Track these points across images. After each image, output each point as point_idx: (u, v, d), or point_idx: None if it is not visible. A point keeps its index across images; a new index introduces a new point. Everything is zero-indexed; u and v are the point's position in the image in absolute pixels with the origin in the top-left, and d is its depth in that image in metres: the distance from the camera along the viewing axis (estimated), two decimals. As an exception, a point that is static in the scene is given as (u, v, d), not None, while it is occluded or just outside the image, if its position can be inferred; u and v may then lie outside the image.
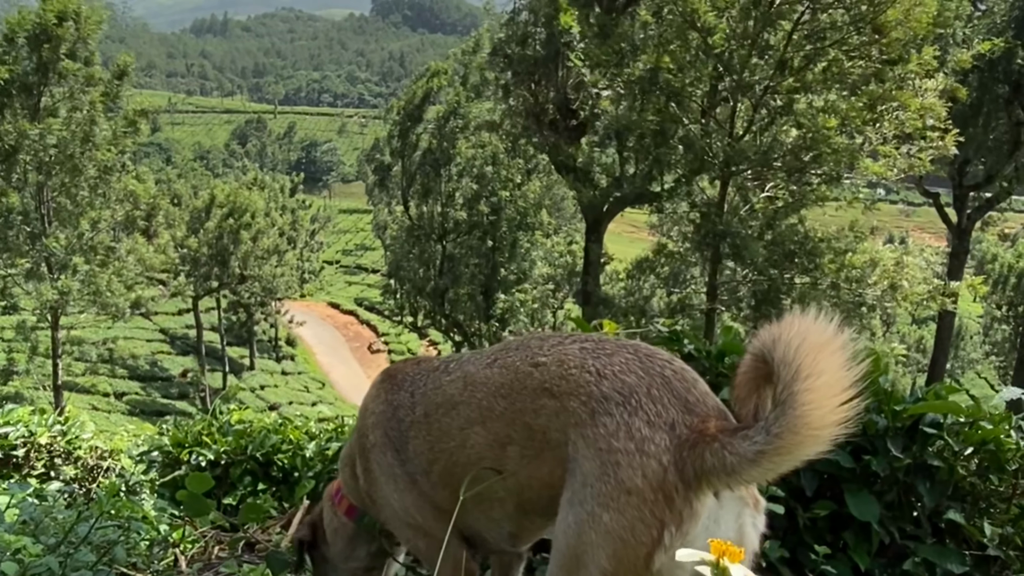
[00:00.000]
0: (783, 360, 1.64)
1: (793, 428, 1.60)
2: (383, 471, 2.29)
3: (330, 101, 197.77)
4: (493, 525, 2.17)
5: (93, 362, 36.00)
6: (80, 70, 26.63)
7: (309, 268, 55.35)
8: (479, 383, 2.07)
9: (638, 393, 1.80)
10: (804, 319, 1.68)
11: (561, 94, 27.08)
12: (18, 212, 27.23)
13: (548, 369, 1.93)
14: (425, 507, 2.23)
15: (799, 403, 1.60)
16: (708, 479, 1.71)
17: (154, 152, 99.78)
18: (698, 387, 1.87)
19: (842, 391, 1.60)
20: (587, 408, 1.82)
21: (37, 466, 5.78)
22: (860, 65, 20.10)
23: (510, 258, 36.19)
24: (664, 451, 1.73)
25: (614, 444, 1.76)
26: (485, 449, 2.03)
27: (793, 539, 3.04)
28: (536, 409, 1.93)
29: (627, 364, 1.86)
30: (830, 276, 21.54)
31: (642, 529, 1.71)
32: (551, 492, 1.92)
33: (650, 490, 1.71)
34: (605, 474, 1.75)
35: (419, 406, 2.22)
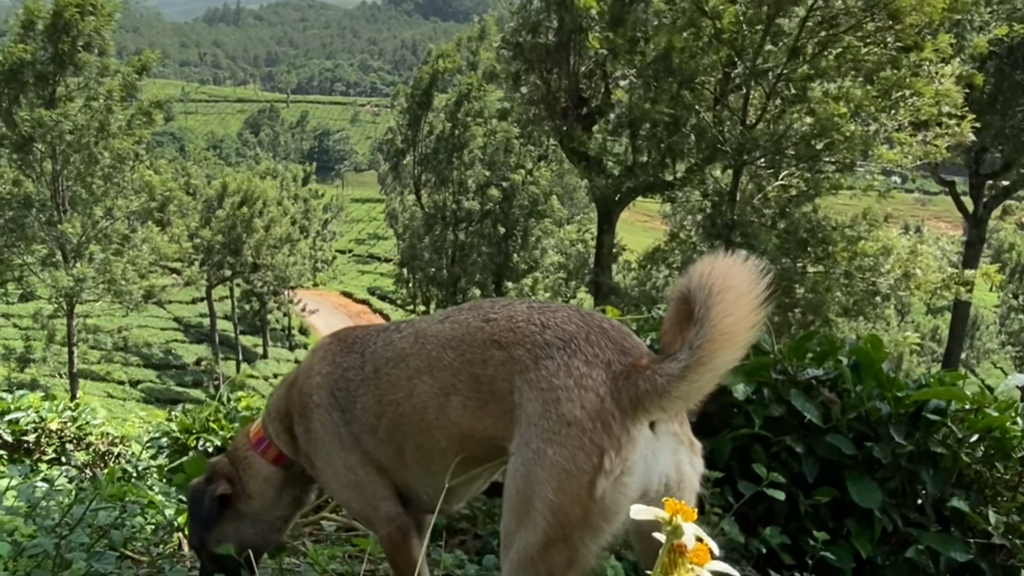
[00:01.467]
0: (698, 285, 1.78)
1: (711, 337, 1.72)
2: (327, 431, 2.31)
3: (343, 90, 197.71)
4: (432, 480, 2.21)
5: (108, 350, 36.28)
6: (95, 60, 26.78)
7: (322, 257, 55.49)
8: (430, 336, 2.15)
9: (577, 339, 1.91)
10: (714, 258, 1.82)
11: (573, 82, 26.95)
12: (34, 200, 27.43)
13: (498, 323, 2.03)
14: (367, 465, 2.27)
15: (714, 315, 1.72)
16: (643, 404, 1.80)
17: (167, 141, 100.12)
18: (632, 338, 1.98)
19: (751, 300, 1.73)
20: (531, 355, 1.93)
21: (48, 451, 5.83)
22: (875, 52, 19.89)
23: (522, 246, 36.17)
24: (601, 384, 1.83)
25: (555, 382, 1.86)
26: (429, 399, 2.09)
27: (794, 525, 3.03)
28: (484, 360, 2.01)
29: (568, 316, 1.99)
30: (843, 264, 21.38)
31: (583, 457, 1.78)
32: (494, 443, 2.02)
33: (588, 419, 1.80)
34: (547, 411, 1.84)
35: (368, 364, 2.26)
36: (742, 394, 2.94)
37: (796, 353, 3.13)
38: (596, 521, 1.82)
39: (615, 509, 1.82)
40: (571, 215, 44.90)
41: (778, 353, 3.13)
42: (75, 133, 26.31)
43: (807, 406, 2.93)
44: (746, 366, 3.05)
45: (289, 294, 48.86)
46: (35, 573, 1.87)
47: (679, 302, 1.90)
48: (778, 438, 3.02)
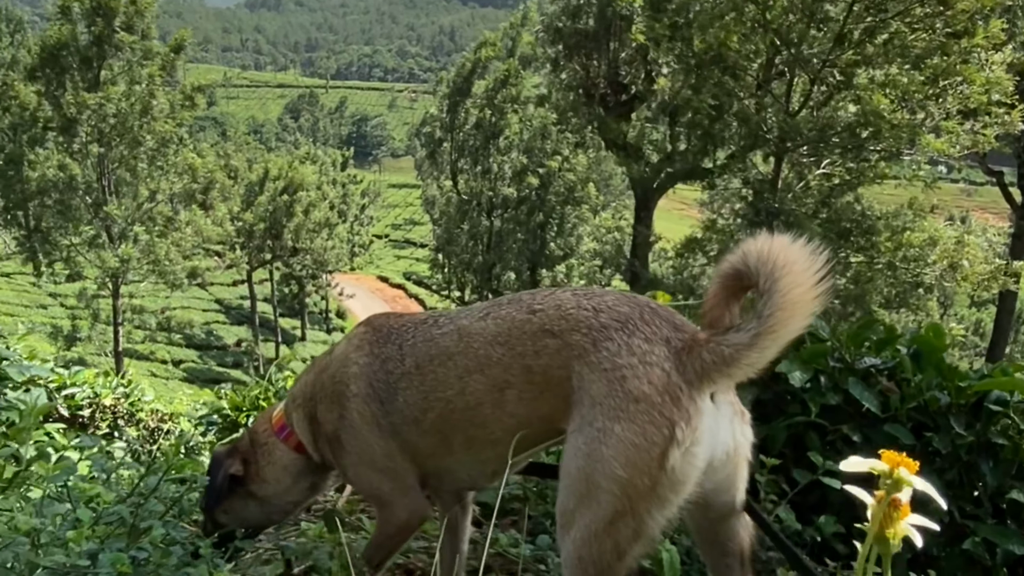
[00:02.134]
0: (761, 260, 1.85)
1: (781, 306, 1.79)
2: (365, 420, 2.33)
3: (381, 76, 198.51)
4: (478, 465, 2.28)
5: (152, 330, 36.99)
6: (136, 43, 27.16)
7: (359, 241, 55.90)
8: (475, 334, 2.17)
9: (632, 319, 1.96)
10: (765, 237, 1.89)
11: (612, 68, 26.76)
12: (80, 182, 27.99)
13: (546, 313, 2.06)
14: (404, 454, 2.32)
15: (783, 285, 1.80)
16: (709, 375, 1.86)
17: (209, 126, 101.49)
18: (680, 316, 2.04)
19: (814, 272, 1.81)
20: (589, 338, 1.97)
21: (102, 426, 5.96)
22: (923, 38, 19.42)
23: (557, 233, 36.10)
24: (664, 359, 1.89)
25: (618, 362, 1.90)
26: (484, 395, 2.13)
27: (848, 515, 3.00)
28: (537, 351, 2.04)
29: (618, 300, 2.04)
30: (887, 255, 21.02)
31: (653, 431, 1.83)
32: (548, 425, 2.07)
33: (656, 394, 1.85)
34: (612, 390, 1.89)
35: (408, 358, 2.28)
36: (799, 381, 2.92)
37: (854, 341, 3.10)
38: (664, 492, 1.86)
39: (683, 480, 1.87)
40: (607, 202, 44.65)
41: (835, 341, 3.11)
42: (119, 116, 26.76)
43: (865, 395, 2.90)
44: (803, 353, 3.03)
45: (327, 278, 49.33)
46: (113, 539, 1.93)
47: (729, 278, 1.97)
48: (834, 427, 3.00)
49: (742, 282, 1.93)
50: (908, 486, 1.10)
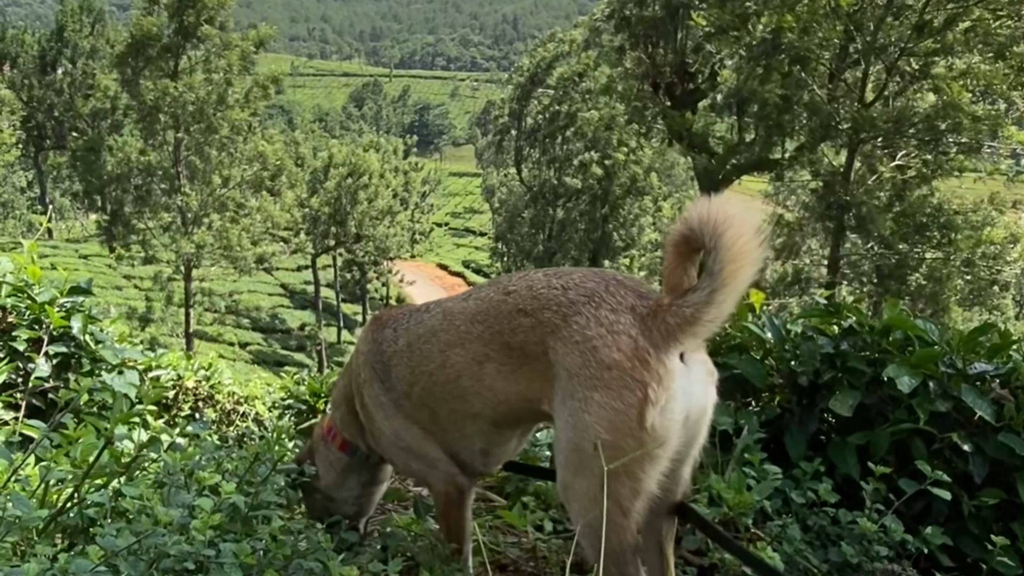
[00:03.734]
0: (702, 220, 1.92)
1: (728, 259, 1.88)
2: (373, 402, 2.51)
3: (443, 64, 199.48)
4: (466, 442, 2.40)
5: (221, 313, 37.97)
6: (217, 35, 27.81)
7: (420, 229, 56.32)
8: (457, 313, 2.33)
9: (599, 292, 2.05)
10: (703, 200, 1.96)
11: (679, 57, 26.35)
12: (156, 168, 28.81)
13: (519, 294, 2.18)
14: (412, 428, 2.45)
15: (727, 239, 1.87)
16: (674, 335, 1.95)
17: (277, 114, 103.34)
18: (646, 286, 2.12)
19: (754, 223, 1.89)
20: (559, 315, 2.06)
21: (184, 408, 6.11)
22: (1008, 25, 18.66)
23: (620, 224, 35.82)
24: (630, 326, 1.97)
25: (588, 333, 2.00)
26: (463, 368, 2.26)
27: (954, 526, 2.89)
28: (513, 328, 2.15)
29: (584, 276, 2.13)
30: (965, 252, 20.30)
31: (628, 394, 1.92)
32: (528, 405, 2.18)
33: (626, 359, 1.94)
34: (586, 360, 1.98)
35: (401, 338, 2.46)
36: (907, 387, 2.81)
37: (967, 346, 2.98)
38: (652, 449, 1.95)
39: (666, 435, 1.95)
40: (668, 192, 44.10)
41: (946, 345, 2.99)
42: (196, 104, 27.45)
43: (978, 402, 2.78)
44: (911, 358, 2.92)
45: (388, 265, 49.86)
46: (228, 527, 1.96)
47: (679, 244, 2.03)
48: (943, 435, 2.88)
49: (691, 245, 2.00)
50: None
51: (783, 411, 3.26)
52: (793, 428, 3.18)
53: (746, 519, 2.76)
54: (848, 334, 3.09)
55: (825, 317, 3.17)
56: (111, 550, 1.64)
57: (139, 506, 1.85)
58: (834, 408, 2.98)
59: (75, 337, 3.85)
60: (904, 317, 3.02)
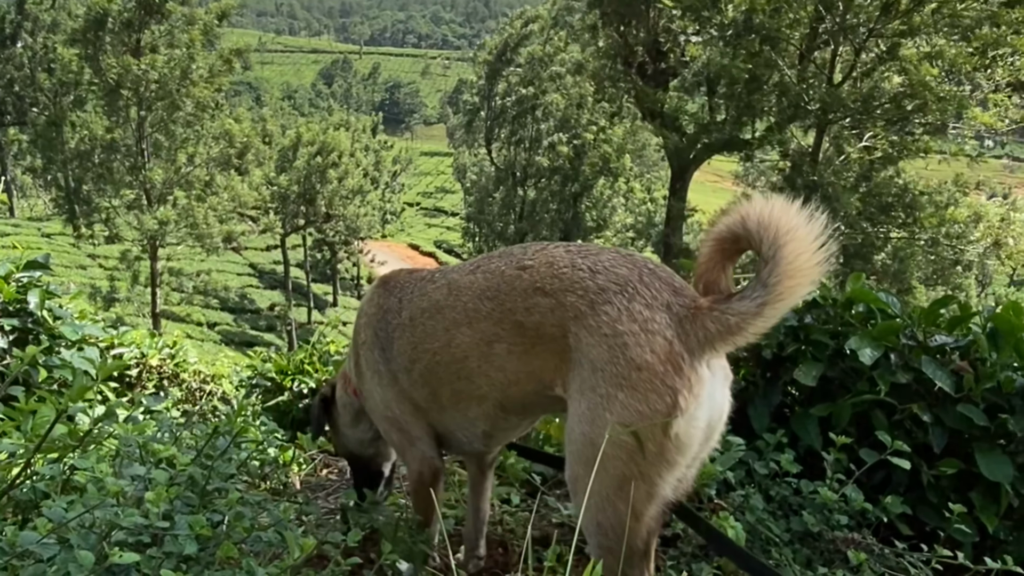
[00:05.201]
0: (762, 225, 1.81)
1: (788, 274, 1.78)
2: (369, 366, 2.47)
3: (414, 42, 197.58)
4: (468, 424, 2.31)
5: (188, 292, 37.52)
6: (179, 10, 27.25)
7: (390, 209, 55.93)
8: (463, 287, 2.19)
9: (632, 282, 1.93)
10: (763, 201, 1.85)
11: (651, 36, 26.28)
12: (120, 145, 28.23)
13: (537, 271, 2.04)
14: (404, 403, 2.39)
15: (788, 252, 1.78)
16: (712, 343, 1.85)
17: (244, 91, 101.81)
18: (678, 278, 2.00)
19: (816, 239, 1.79)
20: (586, 300, 1.94)
21: (148, 386, 6.03)
22: (974, 7, 18.83)
23: (592, 204, 35.85)
24: (666, 327, 1.86)
25: (619, 328, 1.87)
26: (471, 348, 2.15)
27: (914, 496, 2.94)
28: (528, 308, 2.02)
29: (614, 259, 2.00)
30: (929, 231, 20.61)
31: (656, 399, 1.83)
32: (538, 387, 2.08)
33: (659, 363, 1.83)
34: (614, 356, 1.87)
35: (405, 310, 2.36)
36: (869, 359, 2.84)
37: (927, 319, 3.01)
38: (672, 457, 1.88)
39: (689, 443, 1.88)
40: (640, 173, 44.19)
41: (907, 318, 3.01)
42: (160, 80, 26.91)
43: (939, 373, 2.81)
44: (873, 330, 2.95)
45: (359, 244, 49.53)
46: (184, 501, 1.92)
47: (725, 241, 1.94)
48: (903, 406, 2.92)
49: (739, 245, 1.92)
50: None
51: (748, 384, 3.28)
52: (757, 400, 3.21)
53: (709, 490, 2.78)
54: (812, 307, 3.12)
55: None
56: (60, 523, 1.60)
57: (90, 478, 1.81)
58: (798, 379, 3.01)
59: (32, 312, 3.76)
60: (866, 290, 3.04)
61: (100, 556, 1.56)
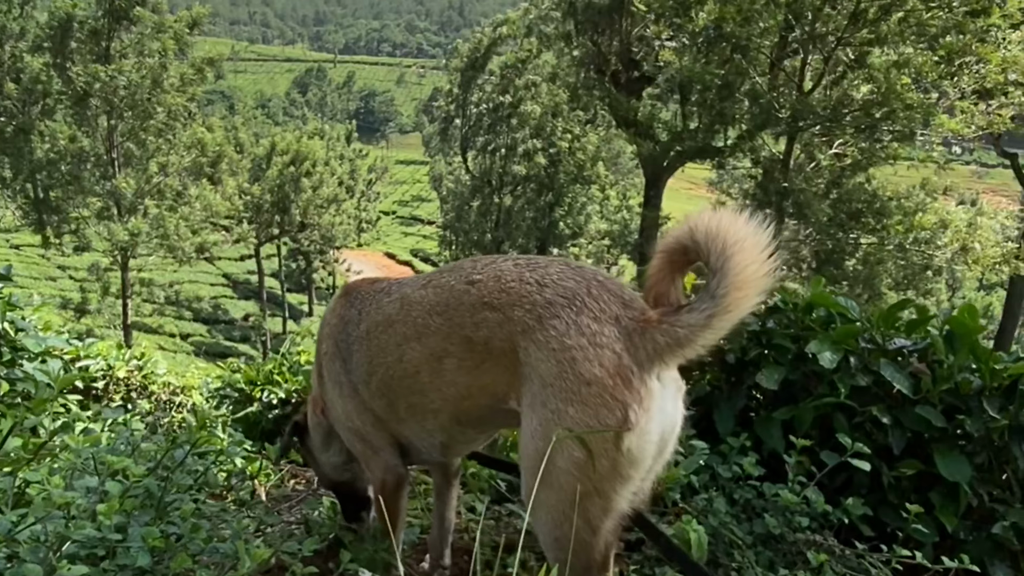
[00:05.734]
0: (709, 236, 1.80)
1: (735, 285, 1.77)
2: (331, 377, 2.45)
3: (389, 51, 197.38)
4: (425, 435, 2.31)
5: (160, 303, 37.13)
6: (149, 17, 27.01)
7: (366, 218, 55.78)
8: (415, 302, 2.19)
9: (580, 295, 1.91)
10: (712, 213, 1.85)
11: (624, 45, 26.47)
12: (89, 154, 27.90)
13: (485, 285, 2.03)
14: (365, 414, 2.38)
15: (735, 264, 1.76)
16: (661, 356, 1.84)
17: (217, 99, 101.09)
18: (628, 290, 1.99)
19: (764, 250, 1.78)
20: (533, 314, 1.92)
21: (115, 398, 5.96)
22: (940, 16, 19.14)
23: (567, 212, 35.96)
24: (615, 340, 1.84)
25: (567, 342, 1.86)
26: (421, 363, 2.14)
27: (875, 497, 2.97)
28: (477, 323, 2.01)
29: (562, 272, 1.98)
30: (897, 237, 20.88)
31: (607, 414, 1.81)
32: (491, 401, 2.06)
33: (608, 376, 1.81)
34: (563, 371, 1.85)
35: (363, 323, 2.35)
36: (829, 362, 2.88)
37: (885, 322, 3.05)
38: (626, 471, 1.87)
39: (642, 457, 1.87)
40: (615, 180, 44.42)
41: (866, 321, 3.06)
42: (129, 88, 26.64)
43: (897, 376, 2.85)
44: (833, 334, 2.98)
45: (334, 253, 49.33)
46: (140, 513, 1.90)
47: (674, 252, 1.93)
48: (863, 408, 2.95)
49: (688, 257, 1.90)
50: None
51: (712, 388, 3.31)
52: (722, 404, 3.23)
53: (673, 494, 2.80)
54: (773, 312, 3.15)
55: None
56: (9, 536, 1.58)
57: (39, 491, 1.79)
58: (760, 383, 3.04)
59: (-8, 325, 3.70)
60: (826, 295, 3.08)
61: (49, 569, 1.54)
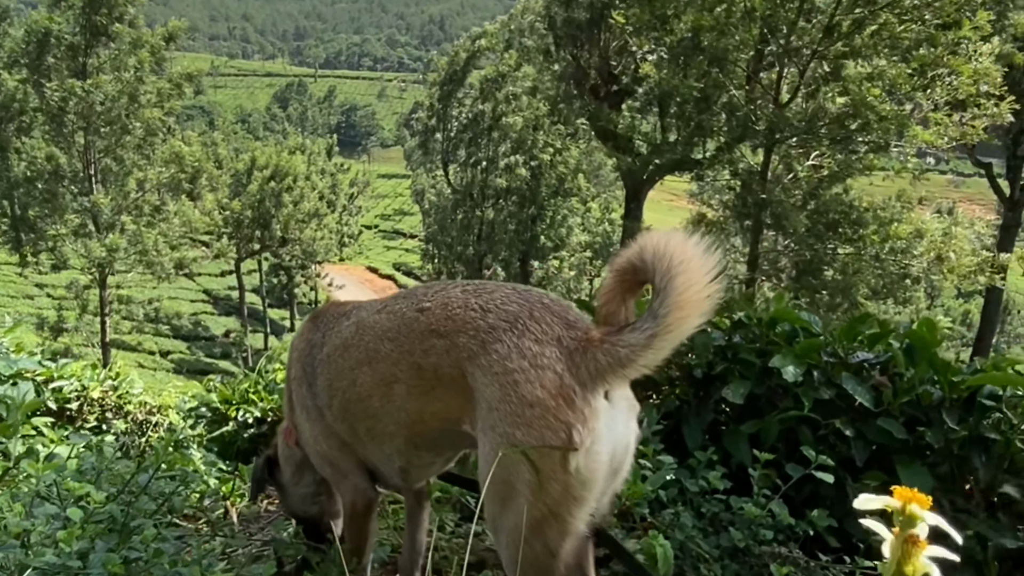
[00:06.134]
0: (656, 256, 1.82)
1: (677, 305, 1.77)
2: (299, 401, 2.47)
3: (370, 65, 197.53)
4: (385, 459, 2.33)
5: (139, 321, 36.85)
6: (126, 32, 26.91)
7: (348, 232, 55.68)
8: (368, 327, 2.22)
9: (522, 318, 1.93)
10: (661, 233, 1.87)
11: (603, 59, 26.68)
12: (66, 171, 27.72)
13: (433, 312, 2.05)
14: (331, 438, 2.39)
15: (678, 284, 1.78)
16: (603, 375, 1.84)
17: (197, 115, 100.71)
18: (574, 310, 2.00)
19: (709, 271, 1.79)
20: (476, 340, 1.94)
21: (90, 419, 5.90)
22: (912, 29, 19.42)
23: (549, 225, 36.08)
24: (556, 361, 1.85)
25: (509, 365, 1.87)
26: (372, 388, 2.18)
27: (841, 509, 3.01)
28: (425, 350, 2.04)
29: (507, 296, 2.00)
30: (874, 247, 21.09)
31: (551, 435, 1.81)
32: (445, 425, 2.09)
33: (550, 397, 1.82)
34: (506, 395, 1.86)
35: (326, 346, 2.38)
36: (792, 376, 2.92)
37: (847, 336, 3.10)
38: (577, 493, 1.86)
39: (592, 478, 1.86)
40: (597, 193, 44.64)
41: (828, 336, 3.11)
42: (105, 104, 26.50)
43: (858, 389, 2.90)
44: (796, 348, 3.03)
45: (316, 268, 49.17)
46: (104, 538, 1.91)
47: (625, 272, 1.95)
48: (827, 421, 3.00)
49: (637, 277, 1.92)
50: (921, 522, 1.08)
51: (681, 403, 3.35)
52: (691, 419, 3.27)
53: (641, 509, 2.82)
54: (738, 327, 3.20)
55: (717, 311, 3.27)
56: (-34, 565, 1.58)
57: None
58: (727, 397, 3.08)
59: (-40, 347, 3.69)
60: (789, 310, 3.13)
61: (7, 598, 1.54)
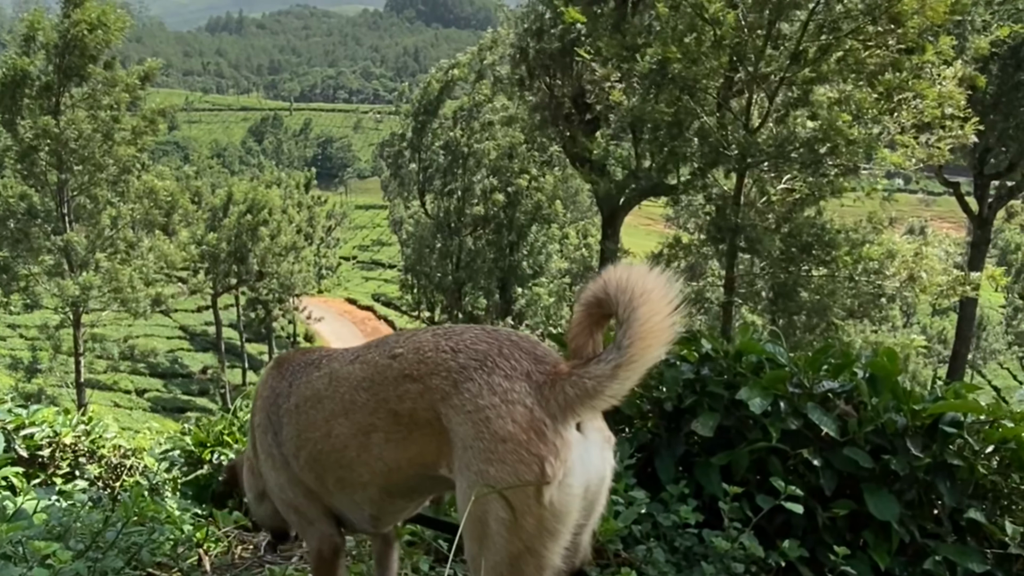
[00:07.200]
0: (619, 289, 1.86)
1: (640, 335, 1.81)
2: (263, 449, 2.48)
3: (345, 97, 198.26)
4: (355, 508, 2.34)
5: (115, 359, 36.41)
6: (101, 74, 26.91)
7: (326, 264, 55.54)
8: (342, 378, 2.22)
9: (491, 356, 1.95)
10: (624, 267, 1.93)
11: (576, 87, 26.99)
12: (39, 210, 27.51)
13: (405, 358, 2.08)
14: (297, 486, 2.40)
15: (640, 315, 1.82)
16: (572, 407, 1.86)
17: (172, 150, 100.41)
18: (542, 345, 2.03)
19: (671, 302, 1.84)
20: (449, 380, 1.96)
21: (62, 466, 5.81)
22: (877, 55, 19.82)
23: (528, 252, 36.20)
24: (526, 395, 1.88)
25: (480, 403, 1.89)
26: (349, 439, 2.17)
27: (812, 538, 3.04)
28: (400, 395, 2.05)
29: (476, 336, 2.03)
30: (847, 268, 21.35)
31: (524, 469, 1.82)
32: (421, 471, 2.10)
33: (522, 431, 1.84)
34: (479, 432, 1.88)
35: (293, 396, 2.38)
36: (759, 408, 2.96)
37: (812, 366, 3.15)
38: (552, 526, 1.87)
39: (566, 510, 1.87)
40: (574, 219, 44.90)
41: (794, 366, 3.15)
42: (79, 142, 26.42)
43: (824, 419, 2.95)
44: (763, 379, 3.07)
45: (294, 301, 48.91)
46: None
47: (591, 306, 1.98)
48: (795, 451, 3.04)
49: (603, 310, 1.95)
50: None
51: (653, 436, 3.37)
52: (663, 452, 3.30)
53: (614, 545, 2.83)
54: (706, 360, 3.24)
55: (685, 344, 3.31)
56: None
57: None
58: (696, 430, 3.11)
59: (-73, 398, 3.64)
60: (754, 342, 3.18)
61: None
